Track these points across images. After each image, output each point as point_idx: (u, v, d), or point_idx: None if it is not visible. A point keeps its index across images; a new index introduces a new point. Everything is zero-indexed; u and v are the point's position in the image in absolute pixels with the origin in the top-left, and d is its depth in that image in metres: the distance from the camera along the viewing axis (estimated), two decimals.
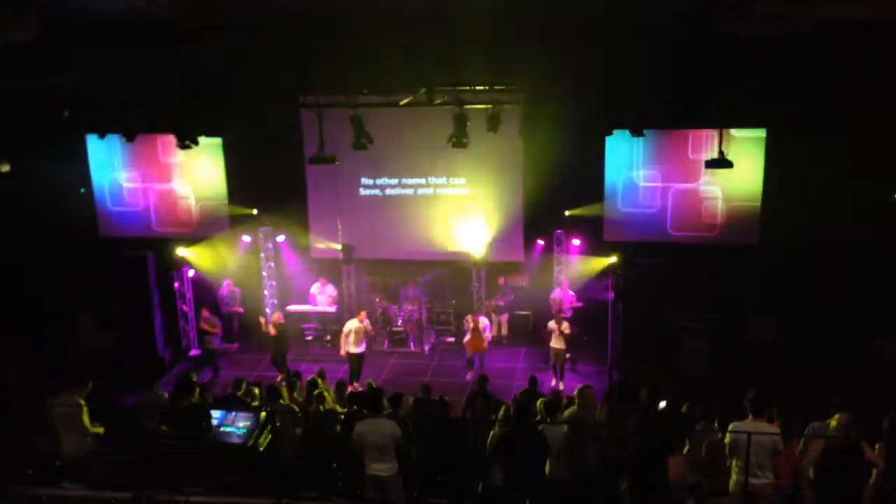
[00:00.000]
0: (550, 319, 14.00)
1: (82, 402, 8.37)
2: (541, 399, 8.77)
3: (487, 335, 14.26)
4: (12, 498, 8.09)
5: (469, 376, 14.01)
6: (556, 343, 13.80)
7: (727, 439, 7.69)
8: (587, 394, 8.58)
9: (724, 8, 11.14)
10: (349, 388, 12.85)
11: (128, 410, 8.73)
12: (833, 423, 7.62)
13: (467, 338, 14.18)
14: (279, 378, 13.24)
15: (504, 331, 16.03)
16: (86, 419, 8.31)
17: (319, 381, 10.38)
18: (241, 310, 16.01)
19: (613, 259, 14.46)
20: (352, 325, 13.84)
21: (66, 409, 8.29)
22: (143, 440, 8.30)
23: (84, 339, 14.97)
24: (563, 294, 15.12)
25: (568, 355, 14.70)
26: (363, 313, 14.08)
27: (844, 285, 13.26)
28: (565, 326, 13.69)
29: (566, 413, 8.56)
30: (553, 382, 13.88)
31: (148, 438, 8.34)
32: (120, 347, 14.66)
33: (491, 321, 15.53)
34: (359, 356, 13.90)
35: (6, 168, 14.39)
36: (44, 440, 8.50)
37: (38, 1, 11.83)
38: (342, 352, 13.94)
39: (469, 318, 14.28)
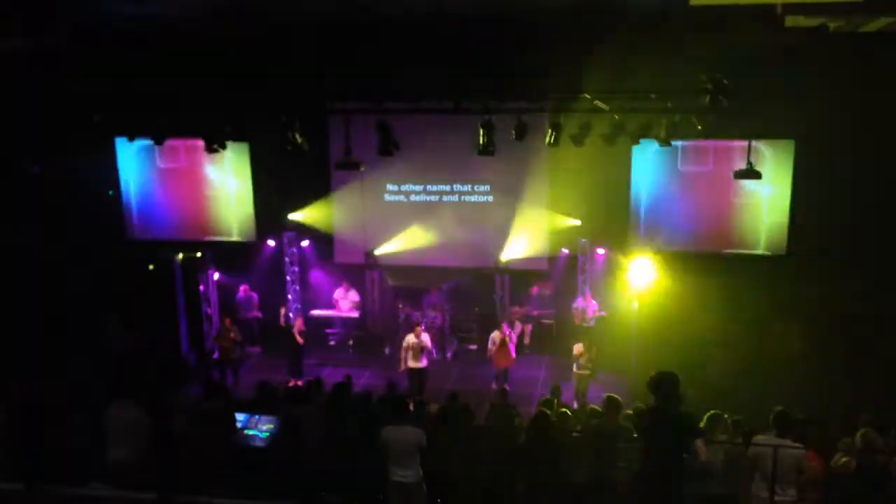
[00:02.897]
0: (575, 338, 13.75)
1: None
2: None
3: (512, 349, 13.98)
4: (39, 496, 8.16)
5: (495, 386, 13.98)
6: (579, 370, 13.39)
7: (749, 453, 7.60)
8: (613, 403, 8.52)
9: (753, 18, 11.13)
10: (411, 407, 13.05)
11: (156, 412, 8.74)
12: (858, 440, 7.52)
13: (492, 350, 13.93)
14: (292, 383, 13.42)
15: (526, 340, 15.97)
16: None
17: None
18: (259, 314, 16.10)
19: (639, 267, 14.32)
20: (409, 340, 13.56)
21: (124, 413, 8.30)
22: (170, 441, 8.36)
23: (112, 342, 15.09)
24: (586, 303, 15.05)
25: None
26: (419, 328, 13.71)
27: (871, 296, 13.10)
28: (593, 351, 13.32)
29: None
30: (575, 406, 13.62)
31: (174, 439, 8.39)
32: (145, 350, 14.76)
33: (522, 330, 15.48)
34: (418, 371, 13.49)
35: (36, 170, 14.59)
36: (74, 440, 8.55)
37: (70, 6, 12.02)
38: (401, 367, 13.65)
39: (496, 332, 13.90)
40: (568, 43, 11.99)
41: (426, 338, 13.70)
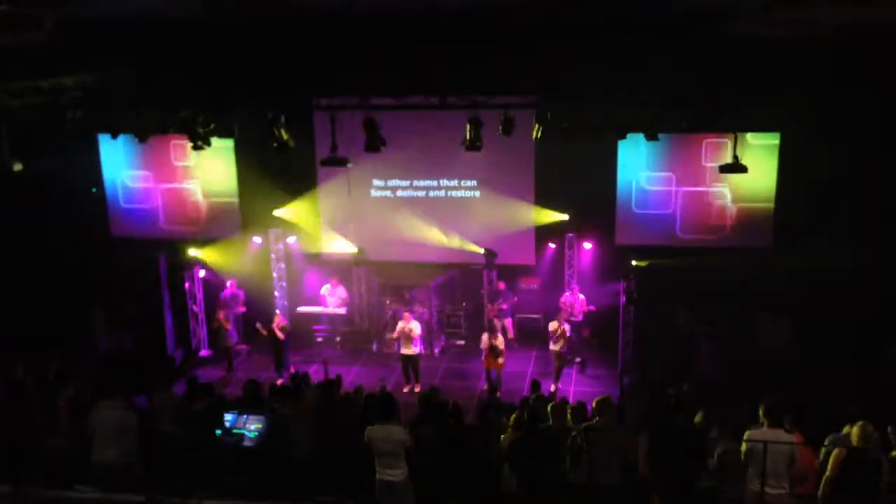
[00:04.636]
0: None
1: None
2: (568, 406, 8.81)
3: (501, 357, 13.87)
4: (24, 499, 8.08)
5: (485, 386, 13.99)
6: (556, 346, 13.81)
7: (743, 447, 7.60)
8: (605, 403, 8.53)
9: (741, 11, 11.12)
10: (405, 389, 13.76)
11: (143, 412, 8.68)
12: (854, 434, 7.53)
13: (483, 356, 13.85)
14: (280, 381, 13.41)
15: (510, 334, 15.92)
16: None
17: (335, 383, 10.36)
18: (243, 309, 15.98)
19: (634, 263, 14.35)
20: (399, 325, 13.97)
21: (113, 414, 8.21)
22: (157, 442, 8.30)
23: (97, 340, 14.99)
24: (573, 298, 15.05)
25: (578, 359, 14.70)
26: (407, 314, 14.05)
27: (859, 289, 13.18)
28: (563, 328, 13.68)
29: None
30: (552, 387, 13.74)
31: (161, 440, 8.33)
32: (131, 348, 14.69)
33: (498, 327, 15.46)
34: (409, 357, 13.96)
35: (19, 167, 14.42)
36: (58, 441, 8.47)
37: (53, 0, 11.86)
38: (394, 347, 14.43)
39: (485, 336, 13.78)
40: (555, 38, 11.96)
41: (416, 325, 13.87)
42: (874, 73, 12.00)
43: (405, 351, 13.91)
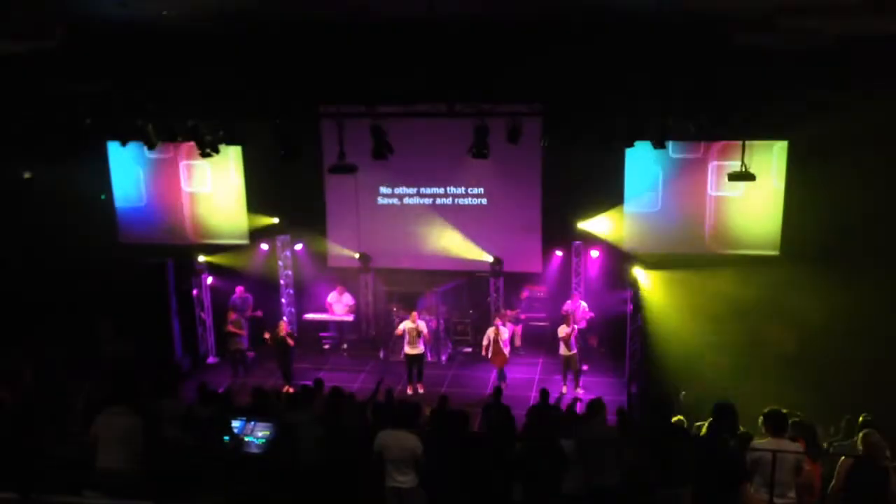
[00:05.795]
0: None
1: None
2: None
3: (506, 348, 14.09)
4: None
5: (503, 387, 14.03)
6: (564, 350, 13.84)
7: (748, 458, 7.56)
8: (597, 405, 8.50)
9: (747, 20, 11.14)
10: (408, 391, 13.85)
11: (149, 419, 8.68)
12: (859, 443, 7.50)
13: (486, 348, 14.06)
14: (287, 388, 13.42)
15: (517, 342, 15.93)
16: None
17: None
18: (259, 314, 15.96)
19: (637, 270, 14.35)
20: (406, 324, 14.00)
21: (118, 420, 8.20)
22: (163, 449, 8.30)
23: (104, 346, 15.01)
24: (574, 305, 15.03)
25: (585, 367, 14.68)
26: (415, 313, 14.10)
27: (864, 297, 13.12)
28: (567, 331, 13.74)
29: None
30: (563, 389, 13.86)
31: (168, 447, 8.33)
32: (138, 354, 14.69)
33: (513, 332, 15.49)
34: (415, 357, 14.03)
35: (28, 174, 14.51)
36: (65, 446, 8.48)
37: (63, 8, 11.96)
38: (401, 354, 14.32)
39: (490, 329, 14.03)
40: (562, 45, 11.99)
41: (422, 324, 13.97)
42: (877, 81, 11.99)
43: (412, 350, 13.95)
